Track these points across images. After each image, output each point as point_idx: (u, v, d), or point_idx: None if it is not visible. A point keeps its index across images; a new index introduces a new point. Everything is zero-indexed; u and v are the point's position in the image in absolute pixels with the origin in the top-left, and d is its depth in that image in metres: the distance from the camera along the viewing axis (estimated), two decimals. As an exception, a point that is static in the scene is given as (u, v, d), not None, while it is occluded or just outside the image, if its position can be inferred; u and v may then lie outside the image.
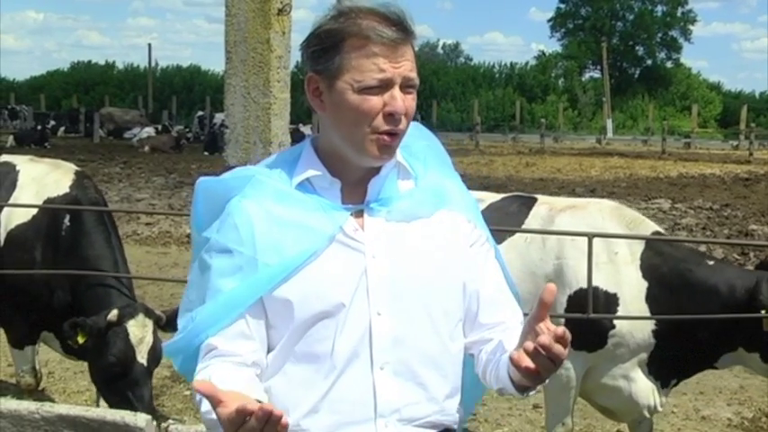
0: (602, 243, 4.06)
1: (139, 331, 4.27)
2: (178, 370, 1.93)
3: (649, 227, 4.27)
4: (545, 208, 4.38)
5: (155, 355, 4.27)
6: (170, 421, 3.94)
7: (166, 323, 4.34)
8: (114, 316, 4.26)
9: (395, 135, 1.76)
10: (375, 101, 1.73)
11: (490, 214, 4.40)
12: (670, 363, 4.08)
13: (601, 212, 4.27)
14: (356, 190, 1.83)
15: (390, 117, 1.74)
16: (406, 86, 1.75)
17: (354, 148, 1.77)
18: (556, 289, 1.67)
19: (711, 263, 4.11)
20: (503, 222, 4.32)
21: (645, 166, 27.78)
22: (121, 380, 4.21)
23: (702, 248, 10.23)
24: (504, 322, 1.92)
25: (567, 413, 4.19)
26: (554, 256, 4.09)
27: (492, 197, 4.66)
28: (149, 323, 4.31)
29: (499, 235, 4.23)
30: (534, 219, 4.33)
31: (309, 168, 1.83)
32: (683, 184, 21.37)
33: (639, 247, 4.09)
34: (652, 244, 4.10)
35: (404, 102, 1.74)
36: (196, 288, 1.85)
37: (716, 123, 61.49)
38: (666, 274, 4.03)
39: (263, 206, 1.79)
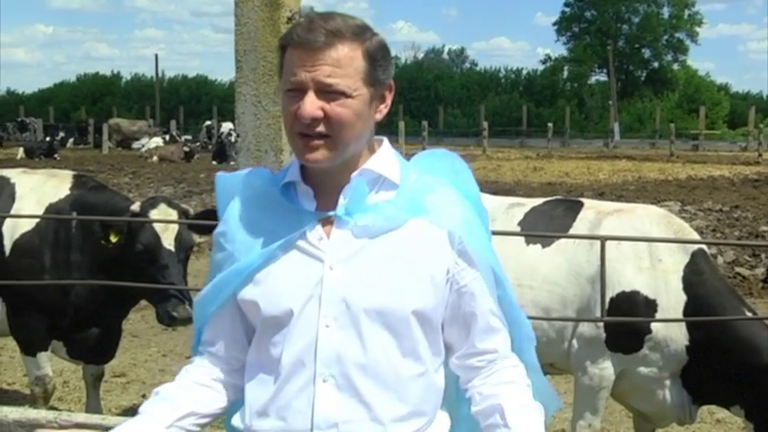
0: (647, 248, 4.09)
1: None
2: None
3: (695, 239, 4.28)
4: (592, 212, 4.40)
5: (182, 242, 4.54)
6: (186, 429, 3.94)
7: (195, 218, 4.66)
8: (137, 207, 4.58)
9: (310, 137, 1.75)
10: (292, 103, 1.75)
11: (534, 218, 4.45)
12: (699, 382, 4.08)
13: (648, 217, 4.30)
14: (331, 198, 1.83)
15: (299, 120, 1.75)
16: (325, 92, 1.74)
17: (292, 148, 1.82)
18: None
19: (747, 313, 4.04)
20: (549, 226, 4.38)
21: (653, 168, 27.74)
22: (151, 266, 4.47)
23: (713, 250, 10.24)
24: (495, 351, 1.88)
25: (595, 414, 4.18)
26: (599, 258, 4.02)
27: (533, 201, 4.69)
28: (173, 213, 4.60)
29: (546, 237, 4.28)
30: (582, 222, 4.35)
31: (291, 173, 1.87)
32: (691, 186, 21.32)
33: (685, 258, 4.09)
34: (695, 262, 4.09)
35: (312, 105, 1.72)
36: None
37: (724, 125, 61.35)
38: (702, 295, 4.04)
39: (248, 206, 1.87)
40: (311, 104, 1.73)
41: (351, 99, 1.74)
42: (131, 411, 5.64)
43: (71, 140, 43.87)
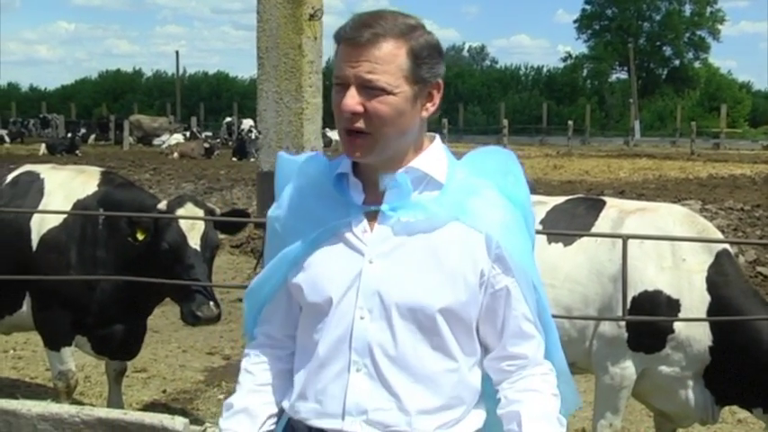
0: (670, 247, 4.05)
1: None
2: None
3: (719, 240, 4.22)
4: (615, 210, 4.35)
5: (207, 241, 4.56)
6: (206, 425, 3.97)
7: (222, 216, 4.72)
8: (164, 205, 4.61)
9: (352, 133, 1.80)
10: (337, 98, 1.80)
11: (555, 216, 4.41)
12: (722, 383, 4.04)
13: (672, 216, 4.24)
14: (378, 193, 1.87)
15: (342, 114, 1.80)
16: (365, 87, 1.77)
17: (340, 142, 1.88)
18: None
19: None
20: (571, 224, 4.34)
21: (674, 167, 27.55)
22: (177, 265, 4.49)
23: (734, 249, 10.15)
24: (526, 356, 1.88)
25: (616, 413, 4.15)
26: (621, 257, 3.96)
27: (554, 199, 4.65)
28: (199, 212, 4.62)
29: (568, 236, 4.24)
30: (604, 221, 4.30)
31: (343, 164, 1.91)
32: (712, 185, 21.14)
33: (709, 259, 4.04)
34: (719, 263, 4.04)
35: (353, 100, 1.77)
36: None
37: (745, 123, 60.82)
38: (727, 296, 3.99)
39: (301, 193, 1.94)
40: (351, 99, 1.77)
41: (391, 96, 1.78)
42: (151, 406, 5.68)
43: (92, 137, 44.18)
